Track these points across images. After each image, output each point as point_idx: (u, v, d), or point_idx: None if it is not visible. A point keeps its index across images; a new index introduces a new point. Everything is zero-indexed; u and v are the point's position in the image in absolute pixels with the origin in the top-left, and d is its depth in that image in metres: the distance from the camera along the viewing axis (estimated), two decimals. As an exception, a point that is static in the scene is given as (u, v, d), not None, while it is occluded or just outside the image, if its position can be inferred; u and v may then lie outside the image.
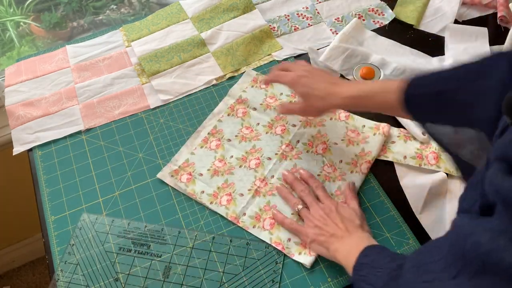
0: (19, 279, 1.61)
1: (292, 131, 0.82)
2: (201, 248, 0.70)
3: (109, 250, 0.70)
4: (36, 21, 1.28)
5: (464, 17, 1.01)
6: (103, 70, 0.94)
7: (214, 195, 0.75)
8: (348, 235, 0.64)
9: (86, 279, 0.67)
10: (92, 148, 0.82)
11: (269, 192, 0.75)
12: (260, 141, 0.81)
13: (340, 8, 1.04)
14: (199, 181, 0.76)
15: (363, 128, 0.81)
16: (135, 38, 0.98)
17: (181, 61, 0.94)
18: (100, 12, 1.30)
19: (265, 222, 0.72)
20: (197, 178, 0.77)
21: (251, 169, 0.78)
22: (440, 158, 0.76)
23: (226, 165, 0.78)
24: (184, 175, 0.77)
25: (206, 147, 0.81)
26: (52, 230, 0.73)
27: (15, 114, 0.87)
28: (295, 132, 0.82)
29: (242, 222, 0.72)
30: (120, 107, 0.88)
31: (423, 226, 0.71)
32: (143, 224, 0.72)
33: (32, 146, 0.83)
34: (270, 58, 0.95)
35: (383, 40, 0.97)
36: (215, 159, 0.79)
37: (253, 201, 0.74)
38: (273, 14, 1.03)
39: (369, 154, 0.78)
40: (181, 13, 1.02)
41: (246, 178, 0.77)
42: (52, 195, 0.77)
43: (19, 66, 0.96)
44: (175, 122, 0.86)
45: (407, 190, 0.75)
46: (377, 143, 0.79)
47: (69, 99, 0.89)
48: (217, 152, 0.80)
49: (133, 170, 0.79)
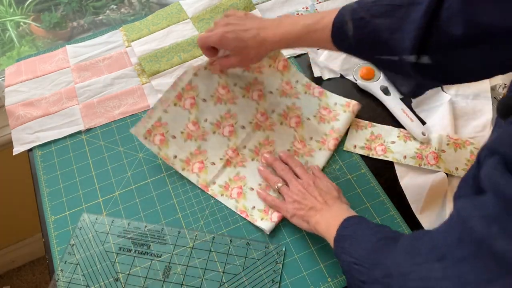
0: (19, 279, 1.61)
1: (268, 98, 0.83)
2: (201, 248, 0.70)
3: (109, 250, 0.70)
4: (36, 21, 1.28)
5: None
6: (103, 70, 0.94)
7: (186, 162, 0.77)
8: (327, 207, 0.65)
9: (86, 279, 0.67)
10: (92, 148, 0.82)
11: (240, 163, 0.77)
12: (235, 106, 0.81)
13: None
14: (172, 144, 0.77)
15: (335, 106, 0.84)
16: (135, 38, 0.98)
17: (181, 61, 0.94)
18: (100, 12, 1.30)
19: (233, 191, 0.75)
20: (170, 141, 0.77)
21: (224, 136, 0.79)
22: (440, 158, 0.76)
23: (200, 129, 0.79)
24: (157, 135, 0.77)
25: (180, 105, 0.78)
26: (52, 230, 0.73)
27: (15, 114, 0.87)
28: (271, 100, 0.83)
29: (211, 190, 0.75)
30: (120, 107, 0.88)
31: (423, 226, 0.71)
32: (143, 224, 0.72)
33: (32, 146, 0.83)
34: (270, 58, 0.95)
35: (383, 40, 0.97)
36: (189, 121, 0.78)
37: (223, 170, 0.77)
38: (273, 14, 1.03)
39: (337, 131, 0.80)
40: (181, 13, 1.02)
41: (219, 146, 0.78)
42: (52, 195, 0.77)
43: (19, 66, 0.96)
44: (175, 122, 0.85)
45: (407, 190, 0.75)
46: (346, 120, 0.82)
47: (69, 99, 0.89)
48: (191, 113, 0.78)
49: (133, 170, 0.79)
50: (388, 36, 0.56)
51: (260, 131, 0.81)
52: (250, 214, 0.73)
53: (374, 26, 0.58)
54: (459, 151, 0.78)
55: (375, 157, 0.79)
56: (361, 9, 0.59)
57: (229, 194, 0.75)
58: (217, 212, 0.74)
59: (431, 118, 0.83)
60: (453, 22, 0.50)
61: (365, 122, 0.83)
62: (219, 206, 0.75)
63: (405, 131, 0.81)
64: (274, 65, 0.85)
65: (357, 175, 0.77)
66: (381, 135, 0.81)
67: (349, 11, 0.61)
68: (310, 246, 0.70)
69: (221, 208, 0.74)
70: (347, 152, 0.80)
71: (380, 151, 0.80)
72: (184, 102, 0.78)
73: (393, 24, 0.56)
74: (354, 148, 0.80)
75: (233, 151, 0.79)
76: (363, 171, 0.78)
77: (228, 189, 0.75)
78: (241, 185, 0.76)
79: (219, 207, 0.74)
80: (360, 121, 0.83)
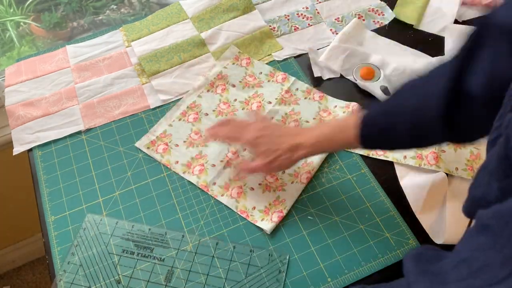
0: (19, 279, 1.61)
1: (267, 107, 0.86)
2: (204, 253, 0.69)
3: (111, 251, 0.70)
4: (36, 21, 1.27)
5: (464, 17, 1.01)
6: (103, 70, 0.94)
7: (187, 165, 0.79)
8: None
9: (88, 279, 0.67)
10: (92, 148, 0.82)
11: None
12: (235, 116, 0.85)
13: (340, 8, 1.04)
14: (174, 151, 0.80)
15: (335, 108, 0.85)
16: (135, 38, 0.98)
17: (181, 61, 0.94)
18: (100, 12, 1.30)
19: (233, 191, 0.75)
20: (172, 149, 0.80)
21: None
22: (440, 158, 0.76)
23: (202, 137, 0.82)
24: (161, 145, 0.81)
25: (184, 120, 0.84)
26: (52, 230, 0.73)
27: (15, 114, 0.87)
28: (270, 109, 0.85)
29: (211, 190, 0.76)
30: (120, 107, 0.88)
31: (423, 226, 0.71)
32: (147, 227, 0.72)
33: (32, 146, 0.83)
34: (270, 58, 0.95)
35: (383, 40, 0.97)
36: (191, 131, 0.83)
37: (223, 171, 0.78)
38: (273, 14, 1.03)
39: None
40: (181, 13, 1.02)
41: (219, 150, 0.80)
42: (52, 195, 0.77)
43: (19, 66, 0.96)
44: (175, 122, 0.86)
45: (407, 190, 0.75)
46: None
47: (69, 99, 0.89)
48: (194, 125, 0.83)
49: (133, 170, 0.79)
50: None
51: None
52: (250, 214, 0.73)
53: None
54: (459, 151, 0.78)
55: (375, 157, 0.79)
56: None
57: (229, 194, 0.75)
58: (217, 212, 0.74)
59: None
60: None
61: (365, 122, 0.83)
62: (219, 206, 0.75)
63: (405, 131, 0.81)
64: (273, 79, 0.90)
65: (357, 175, 0.77)
66: (381, 135, 0.81)
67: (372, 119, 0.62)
68: (310, 246, 0.70)
69: (221, 208, 0.74)
70: (347, 152, 0.80)
71: (380, 151, 0.79)
72: (188, 117, 0.84)
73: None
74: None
75: (233, 153, 0.80)
76: (363, 171, 0.78)
77: (228, 189, 0.76)
78: (241, 184, 0.76)
79: (219, 207, 0.74)
80: (360, 121, 0.83)
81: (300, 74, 0.92)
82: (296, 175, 0.76)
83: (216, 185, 0.76)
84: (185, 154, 0.80)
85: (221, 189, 0.76)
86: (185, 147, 0.81)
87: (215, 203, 0.75)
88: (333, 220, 0.72)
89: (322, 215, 0.73)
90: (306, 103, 0.86)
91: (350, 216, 0.73)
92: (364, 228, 0.71)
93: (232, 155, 0.79)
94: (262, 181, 0.76)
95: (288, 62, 0.94)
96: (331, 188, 0.76)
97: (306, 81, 0.90)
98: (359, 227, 0.71)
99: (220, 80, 0.90)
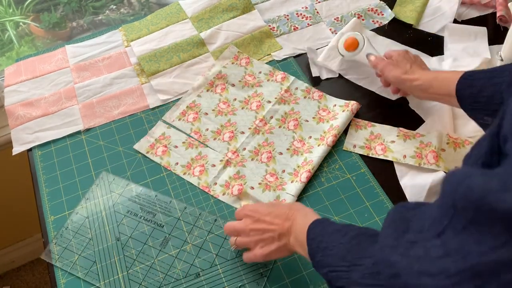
0: (19, 279, 1.61)
1: (266, 107, 0.86)
2: (202, 227, 0.72)
3: (118, 211, 0.73)
4: (36, 21, 1.28)
5: (463, 17, 1.01)
6: (103, 70, 0.94)
7: (187, 166, 0.79)
8: (289, 224, 0.59)
9: (90, 231, 0.72)
10: (91, 148, 0.82)
11: (240, 163, 0.79)
12: (235, 116, 0.85)
13: (340, 8, 1.04)
14: (174, 152, 0.80)
15: (334, 107, 0.85)
16: (135, 38, 0.98)
17: (180, 61, 0.94)
18: (99, 12, 1.30)
19: (233, 188, 0.75)
20: (172, 150, 0.80)
21: (224, 141, 0.81)
22: (439, 157, 0.76)
23: (201, 137, 0.82)
24: (160, 147, 0.81)
25: (184, 120, 0.84)
26: (52, 230, 0.73)
27: (15, 114, 0.87)
28: (270, 108, 0.85)
29: (213, 191, 0.76)
30: (120, 107, 0.88)
31: (423, 226, 0.71)
32: (154, 193, 0.75)
33: (32, 146, 0.83)
34: (270, 58, 0.95)
35: (383, 40, 0.97)
36: (191, 131, 0.83)
37: (224, 171, 0.78)
38: (272, 14, 1.03)
39: (336, 128, 0.81)
40: (180, 13, 1.02)
41: (219, 150, 0.80)
42: (51, 195, 0.77)
43: (18, 66, 0.96)
44: (175, 122, 0.86)
45: (407, 190, 0.75)
46: (345, 118, 0.82)
47: (69, 99, 0.89)
48: (193, 125, 0.84)
49: (133, 170, 0.79)
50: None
51: (259, 135, 0.82)
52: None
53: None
54: (459, 150, 0.78)
55: (375, 157, 0.79)
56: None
57: (230, 192, 0.75)
58: (217, 212, 0.74)
59: (430, 117, 0.83)
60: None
61: (364, 122, 0.83)
62: (219, 206, 0.75)
63: (405, 130, 0.81)
64: (272, 79, 0.90)
65: (356, 175, 0.77)
66: (381, 135, 0.81)
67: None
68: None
69: (221, 208, 0.74)
70: (346, 152, 0.80)
71: (380, 150, 0.80)
72: (188, 117, 0.84)
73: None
74: (354, 147, 0.80)
75: (233, 153, 0.80)
76: (362, 170, 0.78)
77: (229, 187, 0.76)
78: (241, 183, 0.76)
79: (218, 206, 0.75)
80: (360, 121, 0.83)
81: (300, 74, 0.92)
82: (296, 174, 0.76)
83: (217, 185, 0.76)
84: (185, 155, 0.80)
85: (222, 188, 0.76)
86: (184, 148, 0.81)
87: (215, 202, 0.75)
88: (333, 219, 0.72)
89: (321, 214, 0.73)
90: (306, 102, 0.87)
91: (349, 215, 0.73)
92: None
93: (231, 154, 0.80)
94: (262, 180, 0.77)
95: (287, 62, 0.94)
96: (330, 188, 0.76)
97: (306, 80, 0.90)
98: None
99: (219, 79, 0.90)
